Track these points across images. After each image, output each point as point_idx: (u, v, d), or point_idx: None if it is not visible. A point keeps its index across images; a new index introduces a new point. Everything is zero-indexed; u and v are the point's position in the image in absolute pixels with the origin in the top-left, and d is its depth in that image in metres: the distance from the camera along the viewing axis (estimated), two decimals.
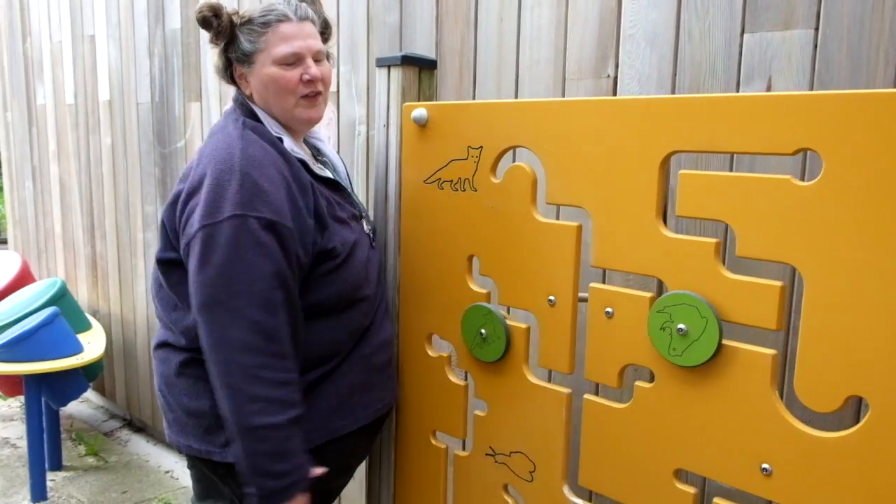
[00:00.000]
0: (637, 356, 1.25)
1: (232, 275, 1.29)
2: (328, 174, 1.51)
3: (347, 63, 2.30)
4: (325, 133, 2.40)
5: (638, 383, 1.26)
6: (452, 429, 1.57)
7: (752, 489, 1.14)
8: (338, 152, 2.36)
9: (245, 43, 1.43)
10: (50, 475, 3.21)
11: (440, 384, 1.58)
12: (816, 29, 1.36)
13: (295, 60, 1.42)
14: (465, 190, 1.47)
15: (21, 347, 2.91)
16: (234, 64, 1.47)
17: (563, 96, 1.73)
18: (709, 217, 1.14)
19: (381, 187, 1.63)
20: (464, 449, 1.60)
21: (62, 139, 4.25)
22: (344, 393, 1.48)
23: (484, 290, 1.48)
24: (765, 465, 1.12)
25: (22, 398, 3.76)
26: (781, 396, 1.42)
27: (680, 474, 1.24)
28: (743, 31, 1.45)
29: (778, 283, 1.08)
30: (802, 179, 1.07)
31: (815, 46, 1.37)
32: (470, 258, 1.50)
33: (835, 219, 1.01)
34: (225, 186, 1.32)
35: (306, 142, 1.62)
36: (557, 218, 1.67)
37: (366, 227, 1.56)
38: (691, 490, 1.22)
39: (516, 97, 1.83)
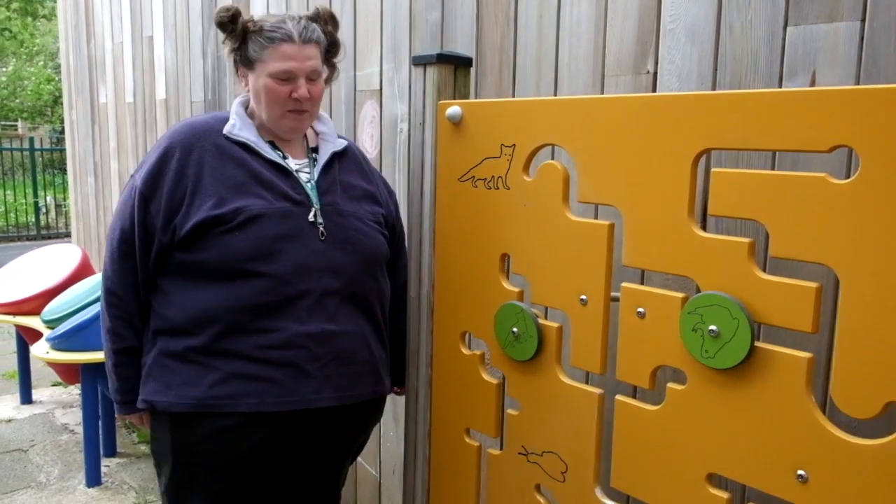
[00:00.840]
0: (669, 357, 1.23)
1: (112, 221, 1.61)
2: (274, 158, 1.60)
3: (390, 61, 2.32)
4: (367, 131, 2.43)
5: (670, 385, 1.24)
6: (485, 427, 1.57)
7: (787, 496, 1.11)
8: (380, 150, 2.38)
9: (251, 50, 1.56)
10: (104, 461, 3.34)
11: (474, 382, 1.58)
12: (863, 21, 1.31)
13: (288, 77, 1.55)
14: (498, 188, 1.46)
15: (78, 337, 3.02)
16: (237, 62, 1.61)
17: (602, 93, 1.71)
18: (742, 216, 1.12)
19: (417, 185, 1.64)
20: (500, 447, 1.60)
21: (122, 136, 4.39)
22: (227, 370, 1.49)
23: (516, 289, 1.48)
24: (800, 472, 1.09)
25: None
26: (825, 402, 1.39)
27: (713, 479, 1.21)
28: (786, 24, 1.40)
29: (813, 285, 1.05)
30: (847, 177, 1.03)
31: (862, 39, 1.31)
32: (503, 256, 1.49)
33: (872, 218, 0.98)
34: None
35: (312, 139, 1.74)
36: (596, 216, 1.65)
37: (310, 216, 1.57)
38: (724, 495, 1.19)
39: (555, 94, 1.82)
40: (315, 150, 1.71)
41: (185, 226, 1.51)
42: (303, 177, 1.62)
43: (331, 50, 1.65)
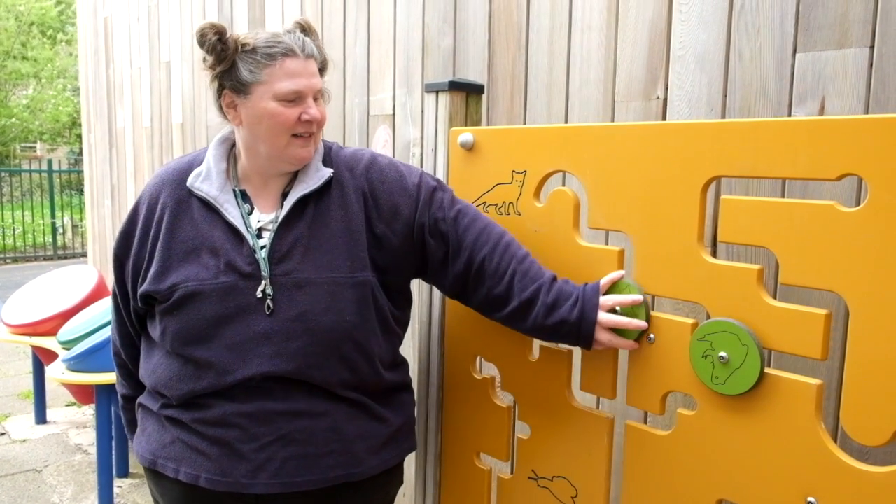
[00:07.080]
0: (679, 383, 1.23)
1: None
2: (231, 220, 1.38)
3: (403, 86, 2.35)
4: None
5: (680, 410, 1.24)
6: (496, 451, 1.57)
7: None
8: None
9: (244, 72, 1.33)
10: (117, 482, 3.35)
11: (484, 406, 1.58)
12: (872, 47, 1.32)
13: (296, 98, 1.34)
14: (509, 213, 1.48)
15: (93, 359, 3.05)
16: (225, 90, 1.37)
17: (613, 118, 1.73)
18: (752, 243, 1.12)
19: None
20: (511, 472, 1.60)
21: (138, 159, 4.45)
22: (176, 435, 1.41)
23: None
24: (810, 499, 1.08)
25: None
26: (837, 428, 1.38)
27: None
28: (795, 51, 1.42)
29: (823, 312, 1.05)
30: (857, 205, 1.04)
31: (871, 65, 1.33)
32: None
33: (881, 246, 0.98)
34: None
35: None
36: (606, 243, 1.66)
37: (259, 291, 1.34)
38: None
39: (566, 119, 1.84)
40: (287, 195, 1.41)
41: (137, 294, 1.44)
42: (263, 238, 1.38)
43: (322, 69, 1.42)
